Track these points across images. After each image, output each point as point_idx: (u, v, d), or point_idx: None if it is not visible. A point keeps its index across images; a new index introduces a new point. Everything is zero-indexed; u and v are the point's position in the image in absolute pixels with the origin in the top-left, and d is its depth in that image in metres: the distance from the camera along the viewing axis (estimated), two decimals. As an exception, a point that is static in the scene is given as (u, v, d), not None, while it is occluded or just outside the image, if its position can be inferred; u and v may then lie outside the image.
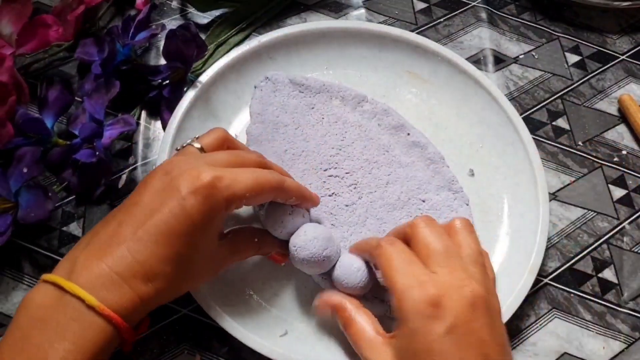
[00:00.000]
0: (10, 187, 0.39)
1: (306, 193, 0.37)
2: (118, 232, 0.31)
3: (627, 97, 0.50)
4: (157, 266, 0.30)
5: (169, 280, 0.31)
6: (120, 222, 0.31)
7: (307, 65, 0.48)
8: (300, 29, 0.48)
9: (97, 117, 0.42)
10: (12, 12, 0.46)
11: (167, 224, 0.30)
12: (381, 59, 0.49)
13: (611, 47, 0.54)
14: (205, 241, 0.32)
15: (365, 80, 0.48)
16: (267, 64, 0.47)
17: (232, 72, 0.46)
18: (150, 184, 0.32)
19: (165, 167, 0.33)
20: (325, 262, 0.36)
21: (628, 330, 0.41)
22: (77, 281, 0.29)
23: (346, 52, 0.49)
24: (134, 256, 0.30)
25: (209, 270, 0.34)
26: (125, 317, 0.29)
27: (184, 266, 0.31)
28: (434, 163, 0.43)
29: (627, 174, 0.47)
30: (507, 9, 0.56)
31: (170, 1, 0.54)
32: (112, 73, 0.45)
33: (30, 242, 0.41)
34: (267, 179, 0.33)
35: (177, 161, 0.33)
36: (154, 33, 0.46)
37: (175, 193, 0.30)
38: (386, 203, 0.41)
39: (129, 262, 0.30)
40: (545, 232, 0.40)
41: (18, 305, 0.29)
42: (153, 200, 0.31)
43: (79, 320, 0.28)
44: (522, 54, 0.53)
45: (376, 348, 0.32)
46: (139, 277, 0.30)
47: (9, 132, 0.40)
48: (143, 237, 0.30)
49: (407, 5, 0.55)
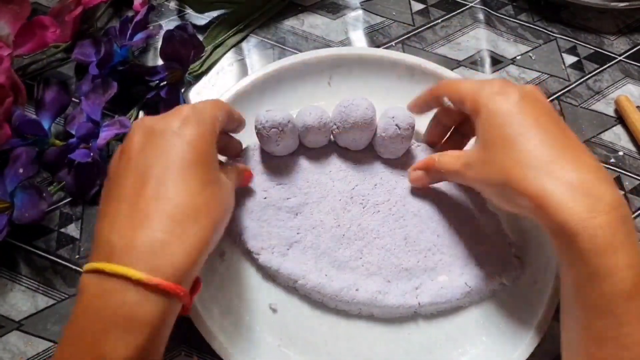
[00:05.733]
0: (6, 187, 0.39)
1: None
2: (140, 194, 0.29)
3: (624, 98, 0.50)
4: (195, 200, 0.29)
5: (210, 212, 0.30)
6: (133, 187, 0.30)
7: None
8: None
9: (93, 118, 0.42)
10: (10, 13, 0.46)
11: (183, 160, 0.30)
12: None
13: (608, 48, 0.54)
14: (215, 164, 0.33)
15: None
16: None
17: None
18: (132, 148, 0.31)
19: (140, 127, 0.32)
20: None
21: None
22: (121, 260, 0.27)
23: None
24: (171, 202, 0.29)
25: (230, 193, 0.34)
26: (182, 278, 0.28)
27: (215, 192, 0.31)
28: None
29: (624, 175, 0.47)
30: (504, 10, 0.56)
31: (168, 2, 0.54)
32: (109, 74, 0.45)
33: (28, 244, 0.41)
34: (221, 101, 0.37)
35: (147, 119, 0.33)
36: (152, 34, 0.46)
37: (168, 135, 0.31)
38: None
39: (168, 210, 0.28)
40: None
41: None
42: (152, 153, 0.30)
43: (128, 301, 0.27)
44: (519, 55, 0.53)
45: (462, 155, 0.36)
46: (184, 223, 0.29)
47: (6, 133, 0.40)
48: (168, 182, 0.29)
49: (404, 6, 0.55)
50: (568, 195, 0.29)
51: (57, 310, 0.39)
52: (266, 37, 0.52)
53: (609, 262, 0.28)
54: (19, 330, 0.38)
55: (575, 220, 0.28)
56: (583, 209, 0.29)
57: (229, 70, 0.50)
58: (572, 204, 0.29)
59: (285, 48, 0.51)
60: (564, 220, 0.29)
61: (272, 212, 0.41)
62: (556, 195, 0.29)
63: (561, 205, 0.29)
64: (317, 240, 0.40)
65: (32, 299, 0.39)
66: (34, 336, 0.38)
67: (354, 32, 0.53)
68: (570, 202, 0.29)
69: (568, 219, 0.29)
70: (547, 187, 0.30)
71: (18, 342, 0.38)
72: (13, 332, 0.38)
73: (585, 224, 0.28)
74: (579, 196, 0.29)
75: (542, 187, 0.30)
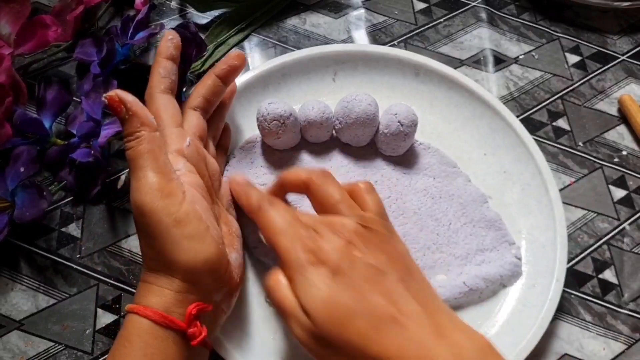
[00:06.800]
0: (7, 186, 0.39)
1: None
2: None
3: (627, 98, 0.50)
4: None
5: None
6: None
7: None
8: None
9: (94, 117, 0.42)
10: (11, 12, 0.46)
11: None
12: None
13: (611, 47, 0.54)
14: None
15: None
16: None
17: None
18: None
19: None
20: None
21: (628, 331, 0.41)
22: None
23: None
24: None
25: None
26: (189, 319, 0.30)
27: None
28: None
29: (628, 174, 0.47)
30: (507, 9, 0.56)
31: (170, 1, 0.54)
32: (110, 73, 0.45)
33: (29, 243, 0.41)
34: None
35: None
36: (153, 33, 0.46)
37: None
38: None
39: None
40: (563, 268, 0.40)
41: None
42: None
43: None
44: (522, 54, 0.53)
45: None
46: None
47: (7, 132, 0.40)
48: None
49: (406, 5, 0.55)
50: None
51: (58, 309, 0.39)
52: (268, 36, 0.52)
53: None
54: (20, 330, 0.38)
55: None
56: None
57: (231, 69, 0.50)
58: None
59: (287, 47, 0.51)
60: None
61: None
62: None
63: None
64: None
65: (32, 298, 0.39)
66: (35, 336, 0.38)
67: (356, 31, 0.53)
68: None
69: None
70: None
71: (19, 341, 0.38)
72: (14, 332, 0.38)
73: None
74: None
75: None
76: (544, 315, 0.38)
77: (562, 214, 0.41)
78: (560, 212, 0.41)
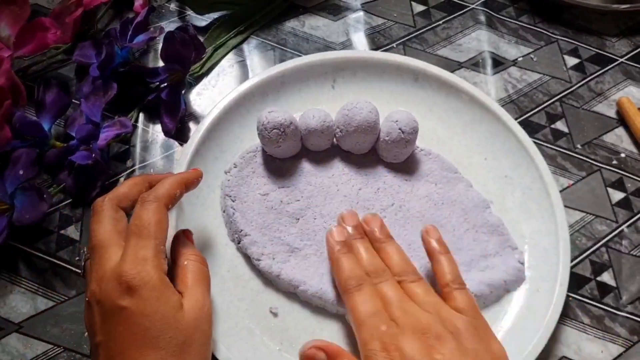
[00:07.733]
0: (7, 189, 0.39)
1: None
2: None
3: (625, 100, 0.50)
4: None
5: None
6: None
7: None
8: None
9: (94, 120, 0.42)
10: (10, 15, 0.46)
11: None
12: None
13: (610, 49, 0.54)
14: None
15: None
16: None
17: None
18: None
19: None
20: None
21: (626, 333, 0.41)
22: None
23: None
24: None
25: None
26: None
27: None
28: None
29: (626, 177, 0.47)
30: (505, 11, 0.56)
31: (169, 4, 0.54)
32: (110, 75, 0.45)
33: (28, 246, 0.41)
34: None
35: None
36: (152, 36, 0.46)
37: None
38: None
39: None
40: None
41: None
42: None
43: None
44: (521, 57, 0.53)
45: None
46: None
47: (7, 134, 0.40)
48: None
49: (405, 7, 0.55)
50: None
51: (57, 312, 0.39)
52: (267, 39, 0.52)
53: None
54: (19, 333, 0.38)
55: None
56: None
57: (230, 71, 0.50)
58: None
59: (286, 49, 0.51)
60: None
61: (273, 216, 0.40)
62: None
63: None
64: (320, 246, 0.40)
65: (31, 300, 0.39)
66: (34, 338, 0.38)
67: (355, 33, 0.53)
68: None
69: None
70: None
71: (17, 344, 0.38)
72: (13, 334, 0.38)
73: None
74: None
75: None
76: (549, 320, 0.38)
77: (564, 217, 0.41)
78: (562, 216, 0.41)
